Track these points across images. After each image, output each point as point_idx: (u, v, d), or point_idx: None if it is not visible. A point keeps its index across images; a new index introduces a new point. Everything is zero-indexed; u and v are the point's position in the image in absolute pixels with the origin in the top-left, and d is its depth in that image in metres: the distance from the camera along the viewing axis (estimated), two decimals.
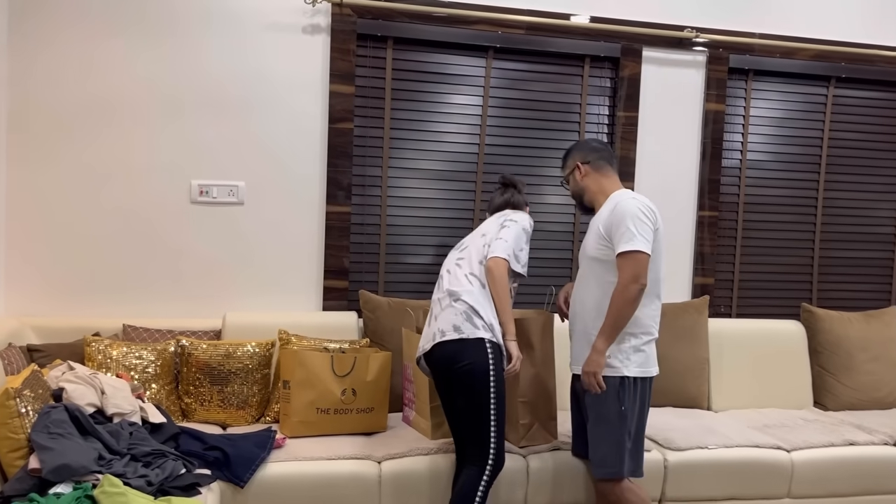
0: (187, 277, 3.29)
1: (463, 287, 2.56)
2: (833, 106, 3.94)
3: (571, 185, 2.75)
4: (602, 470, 2.54)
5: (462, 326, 2.49)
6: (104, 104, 3.18)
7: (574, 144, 2.81)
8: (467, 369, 2.46)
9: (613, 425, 2.51)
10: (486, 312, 2.52)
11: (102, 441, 2.21)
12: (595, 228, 2.61)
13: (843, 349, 3.63)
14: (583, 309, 2.62)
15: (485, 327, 2.50)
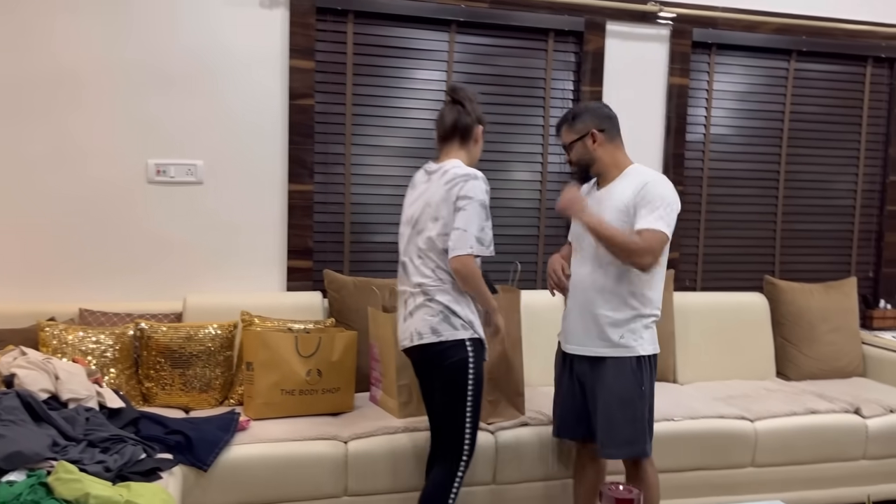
0: (146, 260, 3.21)
1: (434, 285, 2.38)
2: (794, 80, 3.97)
3: (578, 151, 2.50)
4: (629, 450, 2.45)
5: (440, 328, 2.36)
6: (54, 81, 3.06)
7: (583, 106, 2.58)
8: (449, 368, 2.37)
9: (636, 405, 2.43)
10: (463, 310, 2.38)
11: (57, 427, 2.14)
12: (614, 206, 2.42)
13: (804, 320, 3.68)
14: (586, 288, 2.47)
15: (464, 326, 2.37)
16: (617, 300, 2.43)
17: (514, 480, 2.81)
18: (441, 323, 2.36)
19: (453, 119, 2.47)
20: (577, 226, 2.55)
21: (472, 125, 2.49)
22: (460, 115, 2.48)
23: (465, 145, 2.49)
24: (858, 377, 3.72)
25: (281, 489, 2.56)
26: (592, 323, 2.45)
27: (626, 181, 2.45)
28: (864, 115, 4.08)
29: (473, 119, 2.49)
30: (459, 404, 2.38)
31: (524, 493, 2.83)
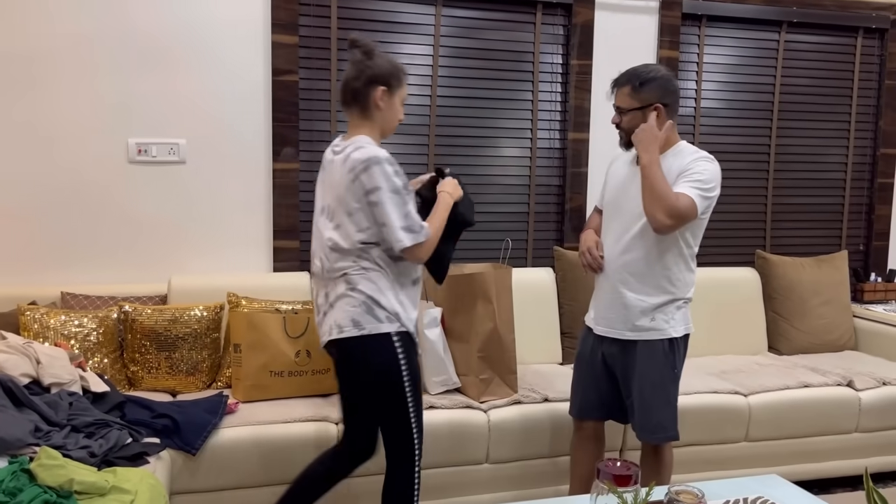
0: (129, 241, 3.13)
1: (357, 273, 2.12)
2: (785, 51, 3.92)
3: (633, 121, 2.30)
4: (661, 435, 2.39)
5: (362, 321, 2.10)
6: (27, 59, 2.96)
7: (653, 72, 2.31)
8: (377, 371, 2.14)
9: (668, 389, 2.37)
10: (388, 300, 2.12)
11: (39, 412, 2.09)
12: None
13: (796, 294, 3.67)
14: (620, 270, 2.37)
15: (389, 318, 2.12)
16: (651, 284, 2.33)
17: (506, 459, 2.79)
18: (364, 315, 2.10)
19: (343, 83, 2.15)
20: (610, 196, 2.44)
21: (363, 88, 2.11)
22: (349, 78, 2.14)
23: (366, 113, 2.15)
24: (850, 350, 3.71)
25: (271, 472, 2.52)
26: (623, 306, 2.36)
27: (674, 160, 2.32)
28: (855, 88, 4.04)
29: (364, 81, 2.11)
30: (400, 410, 2.17)
31: (517, 472, 2.81)
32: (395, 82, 2.14)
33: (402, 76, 2.17)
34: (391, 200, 2.06)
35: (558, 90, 3.63)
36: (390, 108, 2.17)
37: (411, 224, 2.08)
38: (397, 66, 2.17)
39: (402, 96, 2.19)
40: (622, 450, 2.91)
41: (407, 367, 2.15)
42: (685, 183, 2.25)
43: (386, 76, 2.12)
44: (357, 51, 2.13)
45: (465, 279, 2.85)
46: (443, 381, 2.85)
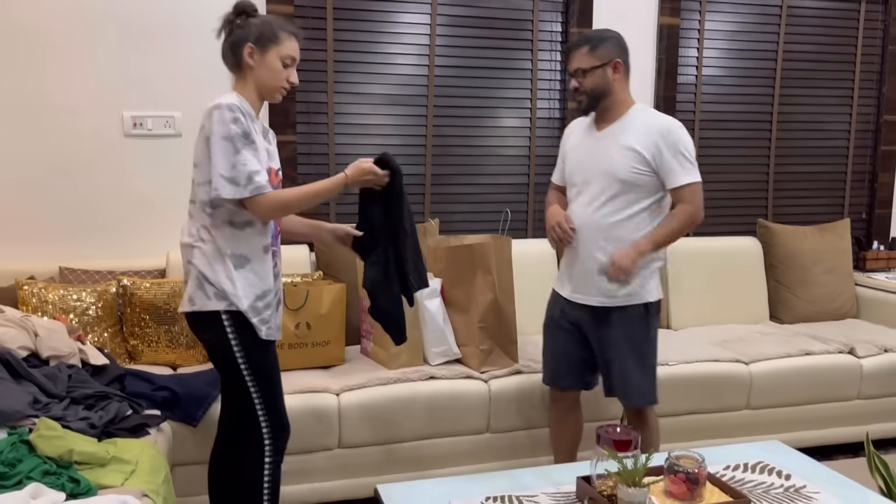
0: (126, 215, 3.11)
1: (194, 245, 2.02)
2: (788, 17, 3.86)
3: (596, 79, 2.31)
4: (641, 399, 2.41)
5: (195, 296, 2.00)
6: (24, 32, 2.92)
7: (605, 32, 2.36)
8: (209, 346, 2.07)
9: (645, 353, 2.39)
10: (217, 276, 1.98)
11: (38, 384, 2.08)
12: (624, 146, 2.31)
13: (797, 263, 3.65)
14: (594, 235, 2.35)
15: (217, 295, 1.98)
16: (622, 246, 2.32)
17: (507, 429, 2.79)
18: (196, 290, 2.00)
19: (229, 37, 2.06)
20: (575, 165, 2.43)
21: (230, 48, 2.04)
22: (221, 42, 2.08)
23: (239, 74, 2.06)
24: (852, 318, 3.71)
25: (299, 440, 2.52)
26: (600, 271, 2.35)
27: (635, 121, 2.33)
28: (858, 54, 3.99)
29: (231, 42, 2.03)
30: (241, 390, 2.06)
31: (518, 441, 2.81)
32: (268, 40, 2.02)
33: (278, 34, 2.02)
34: (219, 146, 1.93)
35: (558, 59, 3.58)
36: (262, 66, 2.03)
37: (236, 175, 1.92)
38: (273, 24, 2.04)
39: (280, 54, 2.03)
40: (623, 418, 2.90)
41: (240, 346, 2.02)
42: (683, 167, 2.30)
43: (255, 34, 2.01)
44: (229, 14, 2.06)
45: (465, 250, 2.84)
46: (443, 351, 2.85)
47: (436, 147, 3.48)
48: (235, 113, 1.94)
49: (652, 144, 2.29)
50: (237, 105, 1.96)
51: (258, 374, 2.06)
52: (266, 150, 2.07)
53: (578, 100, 2.38)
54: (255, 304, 2.02)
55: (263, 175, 1.97)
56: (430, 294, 2.84)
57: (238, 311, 2.00)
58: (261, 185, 1.95)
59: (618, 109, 2.36)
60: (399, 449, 2.69)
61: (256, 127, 2.05)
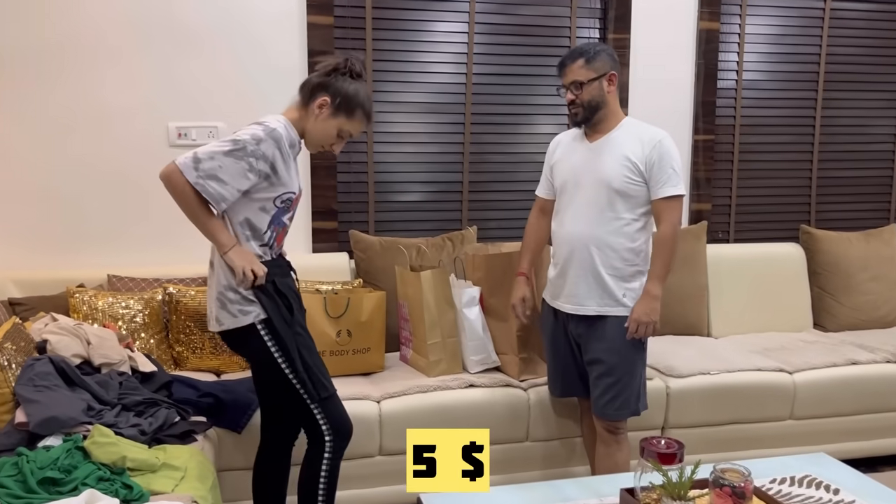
0: (172, 224, 3.18)
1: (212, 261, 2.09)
2: (831, 20, 3.80)
3: (594, 92, 2.34)
4: (624, 411, 2.39)
5: (220, 316, 2.06)
6: (73, 45, 3.01)
7: (598, 45, 2.39)
8: (251, 358, 2.15)
9: (634, 364, 2.38)
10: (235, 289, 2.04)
11: (91, 392, 2.14)
12: (617, 158, 2.34)
13: (842, 269, 3.59)
14: (585, 244, 2.37)
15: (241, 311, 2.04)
16: (617, 255, 2.36)
17: (547, 437, 2.79)
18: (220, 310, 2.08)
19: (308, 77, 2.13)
20: (567, 174, 2.44)
21: (314, 87, 2.07)
22: (313, 74, 2.12)
23: (304, 108, 2.10)
24: None
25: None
26: (594, 281, 2.37)
27: (627, 133, 2.37)
28: None
29: (317, 83, 2.07)
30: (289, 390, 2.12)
31: (557, 450, 2.81)
32: (344, 109, 2.07)
33: (355, 110, 2.07)
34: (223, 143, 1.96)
35: None
36: (322, 123, 2.08)
37: (208, 168, 1.93)
38: (361, 101, 2.08)
39: (342, 127, 2.09)
40: (664, 428, 2.89)
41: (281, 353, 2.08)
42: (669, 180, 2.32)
43: (340, 95, 2.05)
44: (339, 62, 2.08)
45: (504, 258, 2.84)
46: (482, 359, 2.86)
47: (473, 154, 3.49)
48: (269, 139, 1.97)
49: (645, 155, 2.33)
50: (281, 135, 1.99)
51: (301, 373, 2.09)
52: (297, 176, 2.13)
53: (574, 112, 2.41)
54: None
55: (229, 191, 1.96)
56: (470, 302, 2.85)
57: (268, 316, 2.04)
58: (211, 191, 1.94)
59: (610, 121, 2.40)
60: None
61: (294, 153, 2.10)
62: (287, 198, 2.08)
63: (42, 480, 1.74)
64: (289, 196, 2.08)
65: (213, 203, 1.98)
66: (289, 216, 2.13)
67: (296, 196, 2.12)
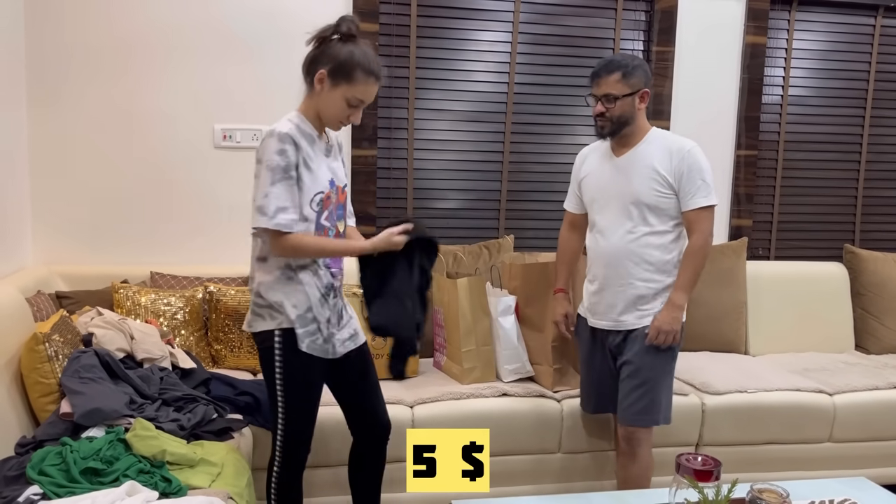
0: (213, 224, 3.24)
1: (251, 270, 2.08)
2: (881, 37, 3.73)
3: (625, 107, 2.32)
4: (645, 417, 2.37)
5: (250, 320, 2.07)
6: (123, 47, 3.09)
7: (634, 60, 2.34)
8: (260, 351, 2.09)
9: (662, 373, 2.37)
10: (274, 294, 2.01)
11: (133, 385, 2.19)
12: (645, 172, 2.32)
13: (887, 291, 3.51)
14: (621, 260, 2.36)
15: (270, 315, 2.02)
16: (653, 268, 2.36)
17: (580, 450, 2.77)
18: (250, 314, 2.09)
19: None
20: (596, 191, 2.43)
21: (305, 66, 2.02)
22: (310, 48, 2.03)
23: (308, 90, 2.04)
24: None
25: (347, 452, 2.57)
26: (632, 296, 2.37)
27: (653, 145, 2.35)
28: None
29: (310, 58, 2.01)
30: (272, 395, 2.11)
31: (589, 462, 2.79)
32: (342, 75, 1.97)
33: (354, 73, 1.96)
34: (262, 175, 1.93)
35: None
36: (328, 98, 2.00)
37: (264, 205, 1.91)
38: (357, 61, 1.96)
39: (348, 94, 1.98)
40: (698, 444, 2.85)
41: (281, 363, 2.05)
42: (700, 190, 2.30)
43: (333, 62, 1.96)
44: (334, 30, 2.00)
45: (540, 268, 2.84)
46: (516, 368, 2.85)
47: (512, 164, 3.50)
48: (284, 144, 1.92)
49: (673, 166, 2.31)
50: (289, 135, 1.94)
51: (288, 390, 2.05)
52: (329, 170, 2.06)
53: (601, 125, 2.36)
54: (304, 315, 2.01)
55: (290, 214, 1.93)
56: (505, 311, 2.85)
57: (289, 326, 2.00)
58: (282, 224, 1.92)
59: (637, 136, 2.37)
60: None
61: (318, 148, 2.03)
62: (318, 199, 2.01)
63: (84, 470, 1.79)
64: (318, 195, 2.01)
65: (287, 230, 1.93)
66: (325, 216, 2.04)
67: (325, 193, 2.02)
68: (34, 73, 3.04)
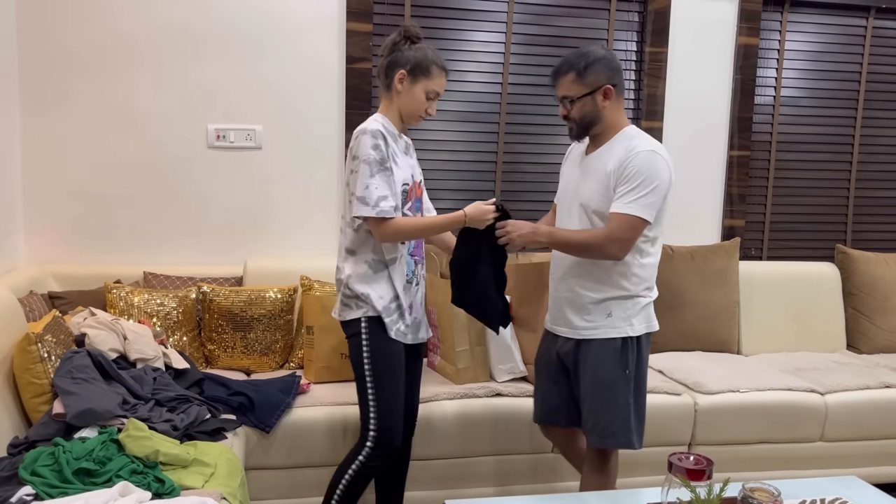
0: (207, 224, 3.24)
1: (339, 262, 2.25)
2: (872, 38, 3.76)
3: (585, 108, 2.17)
4: (610, 440, 2.20)
5: (340, 310, 2.25)
6: (117, 46, 3.08)
7: (594, 54, 2.15)
8: (348, 343, 2.25)
9: (618, 390, 2.18)
10: (361, 286, 2.17)
11: (126, 386, 2.19)
12: (601, 175, 2.16)
13: (878, 291, 3.53)
14: (569, 265, 2.24)
15: (357, 305, 2.18)
16: (594, 277, 2.20)
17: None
18: (339, 303, 2.27)
19: (387, 61, 2.21)
20: (561, 191, 2.34)
21: (384, 71, 2.20)
22: (394, 55, 2.19)
23: (387, 94, 2.23)
24: None
25: (341, 452, 2.58)
26: (576, 302, 2.23)
27: (616, 146, 2.17)
28: None
29: (387, 63, 2.19)
30: (360, 383, 2.23)
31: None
32: (420, 72, 2.17)
33: (431, 68, 2.18)
34: (360, 169, 2.12)
35: (632, 78, 3.57)
36: (408, 94, 2.19)
37: (367, 196, 2.10)
38: (431, 59, 2.18)
39: (427, 88, 2.19)
40: (691, 444, 2.86)
41: (368, 350, 2.20)
42: (622, 197, 2.10)
43: (408, 62, 2.17)
44: (395, 35, 2.20)
45: (533, 268, 2.84)
46: (510, 368, 2.86)
47: (506, 164, 3.50)
48: (377, 140, 2.11)
49: (617, 168, 2.12)
50: (380, 131, 2.13)
51: (378, 375, 2.19)
52: (409, 166, 2.26)
53: (569, 127, 2.25)
54: (389, 305, 2.19)
55: (391, 202, 2.12)
56: None
57: (376, 315, 2.18)
58: (385, 210, 2.11)
59: (607, 134, 2.20)
60: (464, 464, 2.71)
61: (399, 146, 2.23)
62: (403, 190, 2.19)
63: (77, 471, 1.78)
64: (404, 187, 2.19)
65: (389, 216, 2.11)
66: (409, 206, 2.23)
67: (410, 186, 2.23)
68: (27, 72, 3.03)
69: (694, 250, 3.40)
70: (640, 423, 2.24)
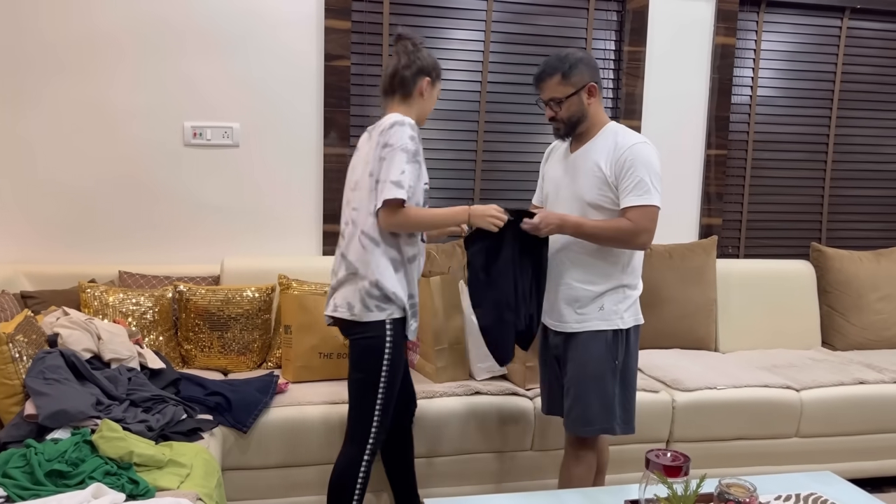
0: (183, 222, 3.21)
1: (359, 256, 2.17)
2: (847, 38, 3.80)
3: (572, 107, 2.24)
4: (591, 428, 2.25)
5: (356, 307, 2.17)
6: (91, 43, 3.04)
7: (575, 55, 2.24)
8: (363, 343, 2.18)
9: (606, 381, 2.24)
10: (389, 282, 2.16)
11: (100, 386, 2.15)
12: (592, 168, 2.23)
13: (852, 288, 3.58)
14: (562, 259, 2.29)
15: (378, 307, 2.16)
16: (595, 271, 2.25)
17: (552, 447, 2.79)
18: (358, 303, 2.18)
19: (392, 71, 2.25)
20: (550, 187, 2.38)
21: (412, 77, 2.23)
22: (399, 66, 2.24)
23: (407, 100, 2.26)
24: None
25: (319, 451, 2.57)
26: (568, 296, 2.27)
27: (603, 141, 2.24)
28: None
29: (414, 71, 2.23)
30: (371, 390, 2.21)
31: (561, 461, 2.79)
32: (436, 76, 2.29)
33: (440, 71, 2.32)
34: (395, 156, 2.11)
35: (611, 77, 3.58)
36: (430, 99, 2.29)
37: (401, 180, 2.10)
38: (437, 61, 2.31)
39: (438, 89, 2.33)
40: (668, 441, 2.88)
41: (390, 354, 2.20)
42: (634, 190, 2.16)
43: (430, 69, 2.27)
44: (407, 43, 2.26)
45: None
46: (489, 367, 2.86)
47: (485, 162, 3.50)
48: (413, 132, 2.16)
49: (613, 162, 2.19)
50: (415, 125, 2.18)
51: (391, 381, 2.20)
52: None
53: (556, 127, 2.30)
54: (412, 304, 2.23)
55: (414, 192, 2.16)
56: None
57: (401, 317, 2.20)
58: (408, 198, 2.13)
59: (591, 131, 2.27)
60: (442, 462, 2.70)
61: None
62: (425, 188, 2.24)
63: (49, 473, 1.75)
64: (425, 185, 2.24)
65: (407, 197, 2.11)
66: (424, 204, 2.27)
67: (427, 185, 2.27)
68: (0, 69, 2.98)
69: (672, 248, 3.42)
70: (625, 412, 2.29)
